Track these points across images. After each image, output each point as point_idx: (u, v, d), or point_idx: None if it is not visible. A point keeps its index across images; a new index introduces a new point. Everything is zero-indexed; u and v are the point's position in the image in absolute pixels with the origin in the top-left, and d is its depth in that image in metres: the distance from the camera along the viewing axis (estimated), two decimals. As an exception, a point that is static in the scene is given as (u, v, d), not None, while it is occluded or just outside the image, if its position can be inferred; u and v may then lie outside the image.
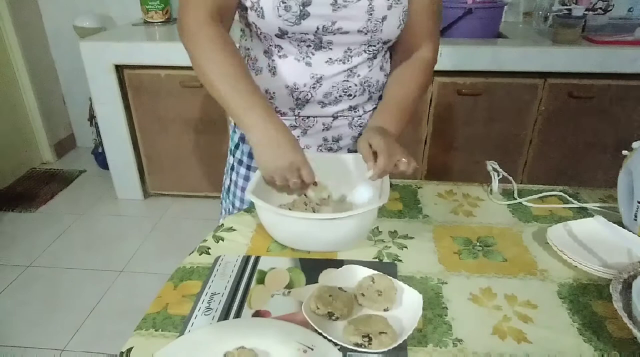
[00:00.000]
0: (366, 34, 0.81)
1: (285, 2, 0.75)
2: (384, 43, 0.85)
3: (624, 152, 0.79)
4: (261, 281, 0.68)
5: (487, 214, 0.86)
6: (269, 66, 0.85)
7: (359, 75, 0.86)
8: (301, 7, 0.76)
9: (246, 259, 0.72)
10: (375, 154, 0.76)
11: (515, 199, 0.90)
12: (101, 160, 2.65)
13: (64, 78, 2.88)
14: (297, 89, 0.85)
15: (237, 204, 0.99)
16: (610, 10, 1.96)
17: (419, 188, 0.95)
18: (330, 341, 0.55)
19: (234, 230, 0.80)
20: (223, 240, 0.77)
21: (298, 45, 0.81)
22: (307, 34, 0.79)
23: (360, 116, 0.92)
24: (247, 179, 0.97)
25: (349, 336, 0.55)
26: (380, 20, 0.80)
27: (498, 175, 0.91)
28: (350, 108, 0.89)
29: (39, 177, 2.78)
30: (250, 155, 0.95)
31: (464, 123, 1.84)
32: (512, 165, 1.91)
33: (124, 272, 1.99)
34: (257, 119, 0.74)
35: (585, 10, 1.78)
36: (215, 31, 0.77)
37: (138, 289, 1.87)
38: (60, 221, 2.35)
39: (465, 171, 1.92)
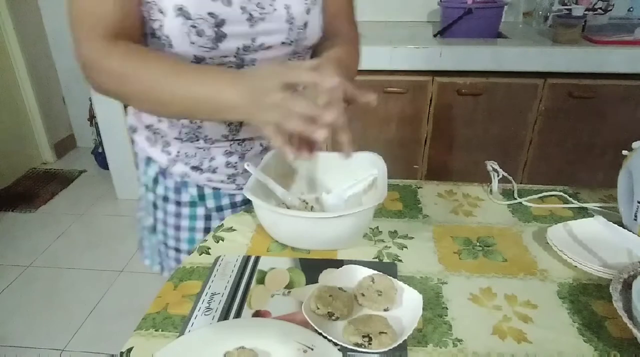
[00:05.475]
0: (290, 44, 0.75)
1: (196, 27, 0.66)
2: (309, 48, 0.80)
3: (624, 152, 0.79)
4: (261, 281, 0.68)
5: (487, 214, 0.86)
6: None
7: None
8: (215, 29, 0.67)
9: (246, 259, 0.72)
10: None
11: (515, 199, 0.90)
12: (101, 160, 2.65)
13: (64, 78, 2.89)
14: None
15: (172, 243, 0.89)
16: (610, 10, 1.96)
17: (419, 188, 0.95)
18: (330, 341, 0.55)
19: (234, 230, 0.80)
20: (223, 240, 0.77)
21: None
22: (227, 56, 0.71)
23: None
24: (178, 215, 0.86)
25: (349, 336, 0.55)
26: (302, 28, 0.74)
27: (498, 176, 0.91)
28: None
29: (39, 177, 2.78)
30: (177, 190, 0.84)
31: (464, 123, 1.84)
32: (512, 166, 1.90)
33: (124, 272, 1.99)
34: (230, 91, 0.59)
35: (585, 10, 1.78)
36: (123, 44, 0.65)
37: (138, 289, 1.88)
38: (60, 221, 2.35)
39: (465, 171, 1.92)
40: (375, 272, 0.66)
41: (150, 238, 0.93)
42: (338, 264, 0.70)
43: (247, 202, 0.89)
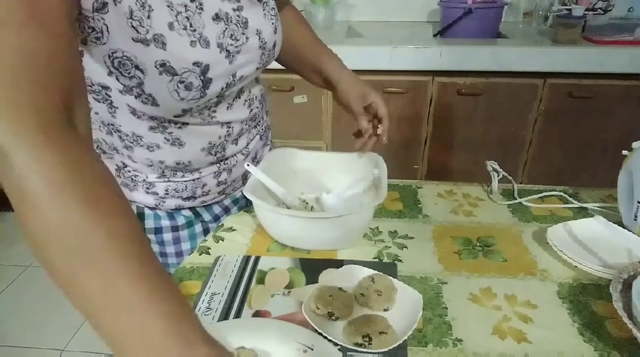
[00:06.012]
0: (262, 68, 0.74)
1: (184, 81, 0.60)
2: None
3: (624, 152, 0.79)
4: (261, 281, 0.68)
5: (487, 214, 0.86)
6: (169, 140, 0.69)
7: (256, 97, 0.80)
8: (202, 78, 0.62)
9: (246, 259, 0.72)
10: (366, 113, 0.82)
11: (515, 199, 0.90)
12: (101, 160, 2.65)
13: (64, 78, 2.88)
14: (214, 145, 0.73)
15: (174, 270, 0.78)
16: (610, 10, 1.96)
17: (419, 188, 0.95)
18: (330, 341, 0.55)
19: (234, 230, 0.80)
20: (223, 240, 0.77)
21: (200, 113, 0.69)
22: (211, 99, 0.66)
23: (261, 125, 0.86)
24: (177, 241, 0.82)
25: (349, 336, 0.55)
26: (272, 49, 0.73)
27: (498, 175, 0.91)
28: (255, 126, 0.83)
29: (39, 177, 2.78)
30: (171, 216, 0.80)
31: (464, 123, 1.84)
32: (512, 166, 1.90)
33: (124, 272, 1.99)
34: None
35: (585, 10, 1.77)
36: (62, 146, 0.41)
37: (138, 289, 1.87)
38: (60, 221, 2.35)
39: (465, 171, 1.92)
40: (375, 272, 0.66)
41: None
42: (338, 264, 0.70)
43: (237, 202, 0.88)
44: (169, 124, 0.68)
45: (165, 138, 0.69)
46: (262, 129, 0.87)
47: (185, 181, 0.76)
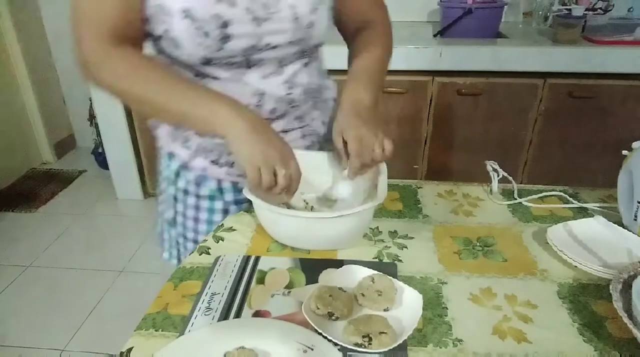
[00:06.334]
0: (297, 43, 0.76)
1: (201, 28, 0.67)
2: (316, 46, 0.82)
3: (624, 152, 0.79)
4: (261, 281, 0.68)
5: (487, 214, 0.86)
6: None
7: (301, 84, 0.81)
8: (220, 30, 0.68)
9: (246, 259, 0.72)
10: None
11: (515, 199, 0.90)
12: (101, 160, 2.65)
13: (64, 78, 2.89)
14: None
15: (190, 235, 0.91)
16: (610, 10, 1.96)
17: (419, 188, 0.95)
18: (330, 341, 0.55)
19: (234, 230, 0.80)
20: (223, 240, 0.77)
21: (227, 69, 0.74)
22: (235, 56, 0.72)
23: (309, 125, 0.87)
24: (197, 208, 0.88)
25: (349, 336, 0.55)
26: (308, 27, 0.75)
27: (498, 176, 0.91)
28: (297, 118, 0.84)
29: (39, 177, 2.78)
30: (197, 183, 0.86)
31: (464, 123, 1.84)
32: (512, 165, 1.90)
33: (124, 272, 1.99)
34: (228, 111, 0.67)
35: (585, 10, 1.78)
36: (124, 51, 0.70)
37: (138, 289, 1.88)
38: (60, 221, 2.35)
39: (465, 171, 1.92)
40: (375, 272, 0.66)
41: (169, 231, 0.95)
42: (338, 264, 0.70)
43: None
44: (204, 77, 0.75)
45: None
46: (307, 130, 0.87)
47: (214, 142, 0.81)
